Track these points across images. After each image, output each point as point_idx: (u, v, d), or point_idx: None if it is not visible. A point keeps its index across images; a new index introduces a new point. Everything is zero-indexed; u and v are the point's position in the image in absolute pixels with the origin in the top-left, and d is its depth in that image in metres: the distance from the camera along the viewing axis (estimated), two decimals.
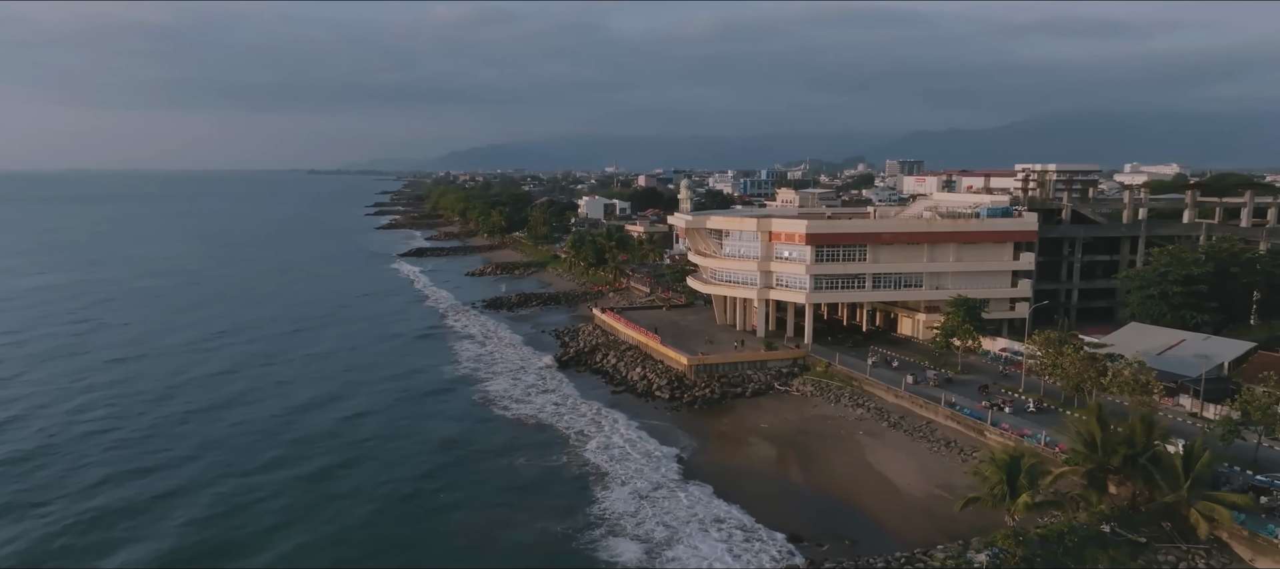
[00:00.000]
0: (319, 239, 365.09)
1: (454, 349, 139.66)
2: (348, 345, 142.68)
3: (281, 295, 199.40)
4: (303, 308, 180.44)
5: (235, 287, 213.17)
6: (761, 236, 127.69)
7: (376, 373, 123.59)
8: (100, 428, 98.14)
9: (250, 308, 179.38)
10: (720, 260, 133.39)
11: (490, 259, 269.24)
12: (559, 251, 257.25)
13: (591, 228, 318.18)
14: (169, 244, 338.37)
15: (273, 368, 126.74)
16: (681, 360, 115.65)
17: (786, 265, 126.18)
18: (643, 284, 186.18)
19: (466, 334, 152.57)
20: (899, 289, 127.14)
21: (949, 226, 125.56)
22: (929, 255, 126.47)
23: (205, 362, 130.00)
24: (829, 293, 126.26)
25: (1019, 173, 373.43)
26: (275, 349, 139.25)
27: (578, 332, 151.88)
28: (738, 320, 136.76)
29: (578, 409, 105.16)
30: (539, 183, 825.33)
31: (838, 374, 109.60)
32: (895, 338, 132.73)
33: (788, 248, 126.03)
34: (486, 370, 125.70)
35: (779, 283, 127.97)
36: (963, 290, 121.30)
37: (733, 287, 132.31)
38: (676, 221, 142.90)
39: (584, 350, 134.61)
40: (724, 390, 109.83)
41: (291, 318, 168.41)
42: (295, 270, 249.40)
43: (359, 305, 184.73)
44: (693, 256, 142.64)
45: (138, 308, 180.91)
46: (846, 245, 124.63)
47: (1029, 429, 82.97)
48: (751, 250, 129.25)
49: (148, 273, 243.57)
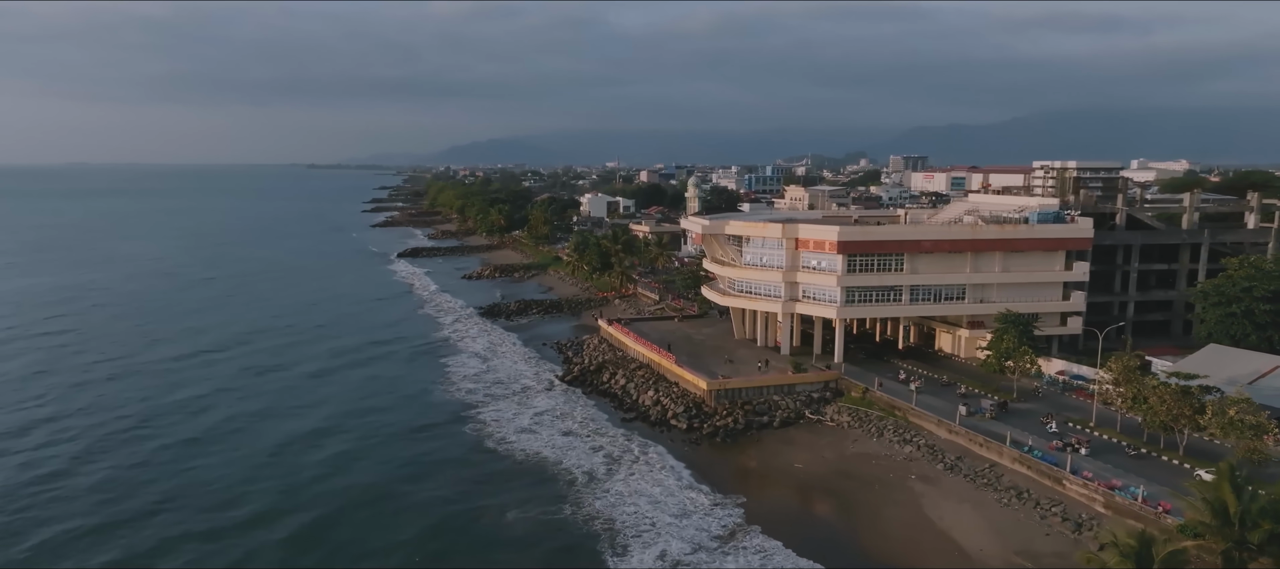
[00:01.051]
0: (314, 237, 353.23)
1: (450, 368, 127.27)
2: (335, 365, 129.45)
3: (269, 302, 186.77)
4: (290, 317, 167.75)
5: (222, 292, 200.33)
6: (787, 244, 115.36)
7: (365, 401, 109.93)
8: (50, 473, 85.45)
9: (235, 318, 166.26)
10: (740, 270, 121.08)
11: (489, 261, 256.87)
12: (561, 253, 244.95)
13: (594, 227, 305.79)
14: (160, 242, 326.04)
15: (251, 395, 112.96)
16: (700, 384, 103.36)
17: (815, 276, 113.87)
18: (651, 291, 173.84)
19: (464, 348, 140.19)
20: (939, 302, 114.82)
21: (996, 233, 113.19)
22: (972, 265, 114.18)
23: (177, 387, 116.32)
24: (862, 307, 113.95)
25: (1037, 170, 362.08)
26: (256, 370, 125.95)
27: (582, 345, 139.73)
28: (759, 335, 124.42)
29: (587, 442, 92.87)
30: (539, 178, 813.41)
31: (877, 402, 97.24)
32: (932, 354, 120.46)
33: (816, 257, 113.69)
34: (485, 393, 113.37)
35: (806, 295, 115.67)
36: (1009, 304, 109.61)
37: (754, 299, 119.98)
38: (692, 227, 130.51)
39: (590, 368, 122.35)
40: (749, 420, 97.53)
41: (278, 329, 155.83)
42: (286, 272, 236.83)
43: (351, 314, 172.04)
44: (709, 265, 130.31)
45: (117, 317, 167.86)
46: (881, 254, 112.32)
47: (1118, 479, 70.52)
48: (775, 259, 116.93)
49: (134, 275, 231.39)
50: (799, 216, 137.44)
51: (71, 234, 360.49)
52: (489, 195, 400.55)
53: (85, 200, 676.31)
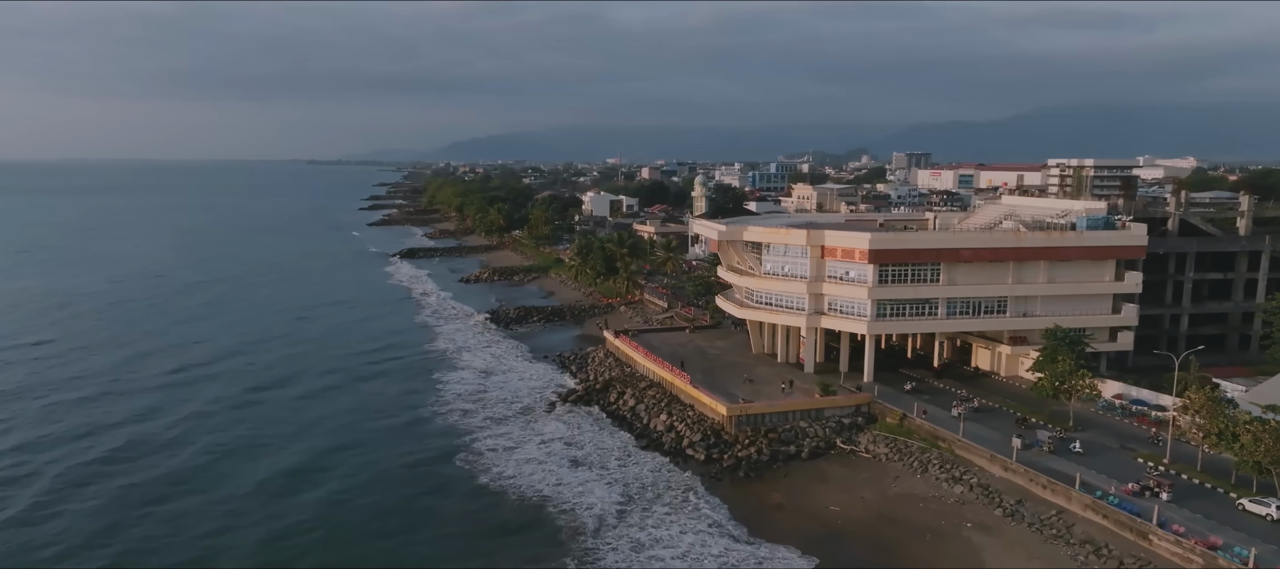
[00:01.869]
0: (310, 236, 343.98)
1: (446, 386, 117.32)
2: (323, 386, 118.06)
3: (258, 311, 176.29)
4: (279, 329, 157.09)
5: (210, 299, 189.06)
6: (811, 252, 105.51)
7: (353, 431, 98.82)
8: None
9: (220, 330, 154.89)
10: (760, 279, 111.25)
11: (487, 262, 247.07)
12: (563, 255, 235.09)
13: (596, 227, 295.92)
14: (153, 242, 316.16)
15: (229, 424, 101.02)
16: (719, 409, 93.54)
17: (843, 287, 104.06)
18: (659, 297, 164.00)
19: (461, 362, 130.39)
20: (978, 317, 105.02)
21: (1042, 241, 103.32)
22: (1015, 275, 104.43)
23: (150, 414, 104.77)
24: (894, 322, 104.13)
25: (1052, 168, 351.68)
26: (237, 393, 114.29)
27: (587, 358, 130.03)
28: (780, 350, 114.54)
29: (597, 476, 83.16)
30: (540, 175, 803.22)
31: (917, 430, 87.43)
32: (969, 372, 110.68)
33: (844, 266, 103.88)
34: (484, 415, 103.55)
35: (833, 308, 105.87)
36: (1054, 317, 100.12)
37: (775, 312, 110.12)
38: (707, 232, 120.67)
39: (596, 386, 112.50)
40: (774, 450, 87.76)
41: (265, 343, 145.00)
42: (279, 276, 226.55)
43: (343, 324, 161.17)
44: (725, 273, 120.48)
45: (96, 329, 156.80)
46: (916, 263, 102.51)
47: (1217, 535, 60.66)
48: (799, 268, 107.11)
49: (119, 278, 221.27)
50: (824, 222, 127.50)
51: (62, 234, 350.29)
52: (488, 193, 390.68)
53: (81, 197, 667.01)
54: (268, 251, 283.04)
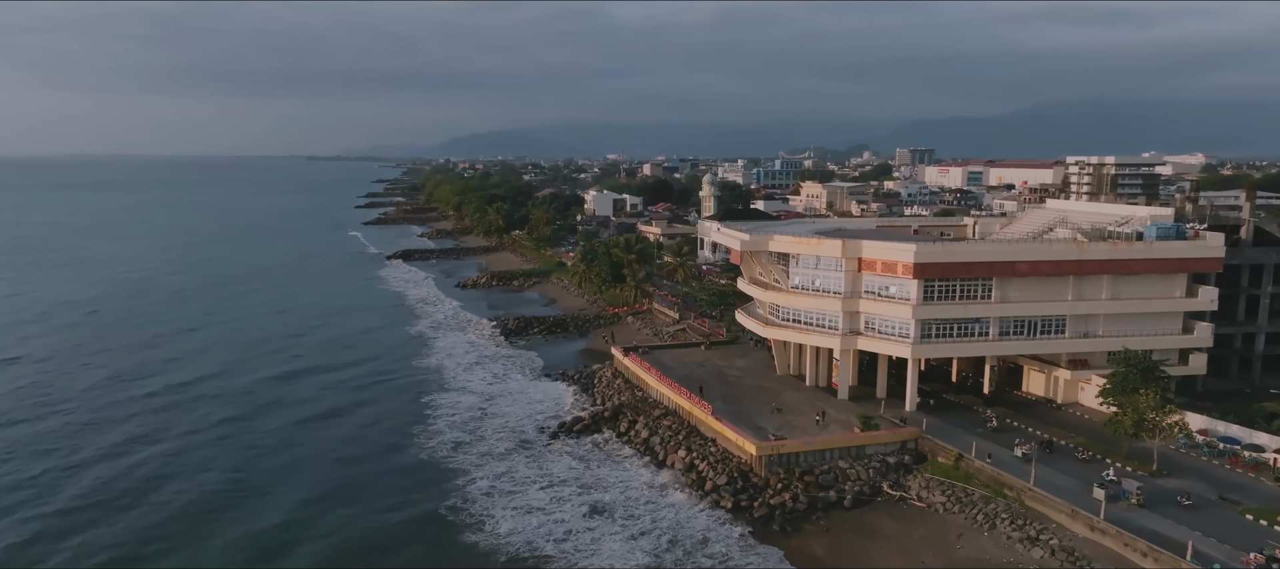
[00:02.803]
0: (304, 235, 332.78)
1: (438, 414, 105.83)
2: (304, 417, 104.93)
3: (242, 322, 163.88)
4: (262, 345, 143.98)
5: (195, 309, 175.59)
6: (846, 265, 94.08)
7: (334, 481, 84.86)
8: None
9: (199, 348, 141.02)
10: (787, 295, 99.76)
11: (487, 266, 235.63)
12: (565, 258, 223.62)
13: (599, 226, 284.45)
14: (142, 243, 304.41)
15: (194, 472, 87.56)
16: (747, 447, 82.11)
17: (882, 305, 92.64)
18: (669, 307, 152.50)
19: (455, 383, 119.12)
20: (1033, 338, 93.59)
21: (1108, 253, 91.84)
22: (1075, 291, 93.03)
23: (105, 458, 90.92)
24: (941, 343, 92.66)
25: (1071, 165, 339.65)
26: (206, 430, 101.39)
27: (593, 377, 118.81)
28: (809, 373, 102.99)
29: (612, 528, 71.85)
30: (540, 171, 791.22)
31: (978, 474, 75.98)
32: (1021, 398, 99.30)
33: (884, 281, 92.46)
34: (480, 452, 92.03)
35: (870, 328, 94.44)
36: (1119, 337, 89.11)
37: (805, 331, 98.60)
38: (728, 242, 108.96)
39: (604, 413, 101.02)
40: (811, 496, 76.44)
41: (245, 363, 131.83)
42: (269, 281, 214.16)
43: (332, 339, 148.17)
44: (747, 286, 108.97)
45: (67, 342, 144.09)
46: (966, 278, 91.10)
47: None
48: (832, 283, 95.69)
49: (99, 282, 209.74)
50: (855, 229, 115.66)
51: (50, 233, 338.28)
52: (487, 191, 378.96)
53: (76, 194, 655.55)
54: (259, 254, 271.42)
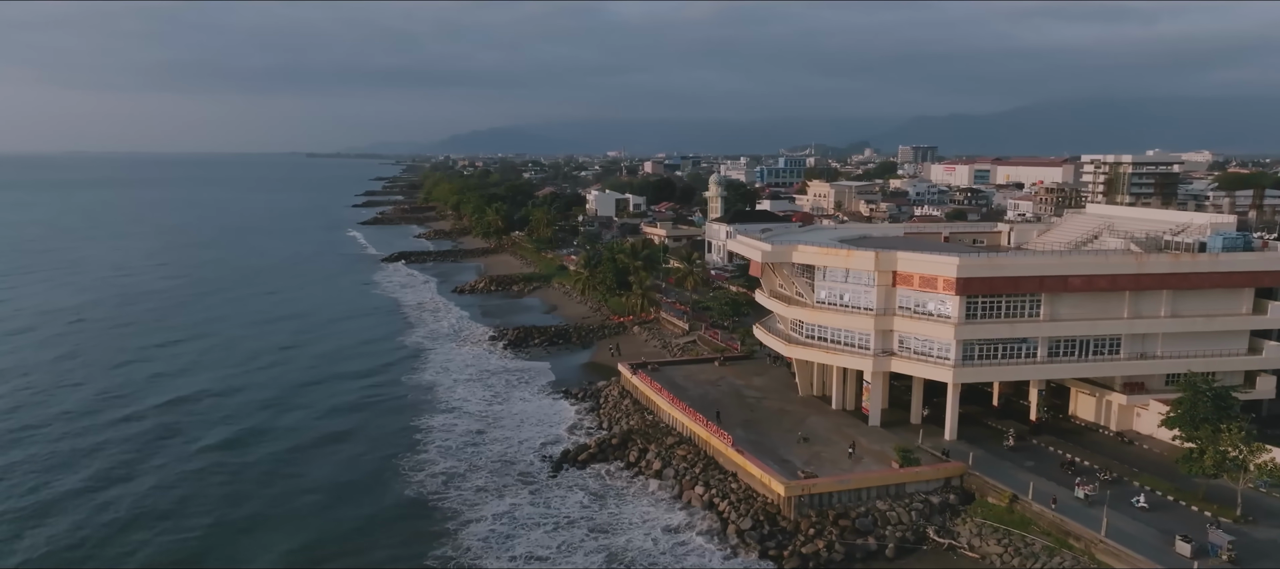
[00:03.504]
0: (299, 235, 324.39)
1: (430, 434, 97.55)
2: (287, 446, 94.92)
3: (229, 328, 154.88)
4: (243, 358, 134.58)
5: (179, 317, 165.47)
6: (880, 279, 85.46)
7: (313, 527, 75.89)
8: None
9: (182, 361, 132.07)
10: (813, 311, 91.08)
11: (484, 270, 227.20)
12: (566, 261, 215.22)
13: (602, 227, 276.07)
14: (131, 244, 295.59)
15: (162, 516, 78.23)
16: (774, 486, 73.39)
17: (919, 323, 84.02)
18: (678, 316, 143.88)
19: (448, 402, 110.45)
20: (1086, 358, 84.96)
21: (1169, 266, 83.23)
22: (1131, 307, 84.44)
23: (71, 497, 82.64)
24: (985, 366, 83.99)
25: (1085, 163, 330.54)
26: (187, 454, 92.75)
27: (599, 395, 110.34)
28: (835, 395, 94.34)
29: None
30: (541, 169, 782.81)
31: (1037, 519, 67.33)
32: (1067, 424, 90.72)
33: (922, 297, 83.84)
34: (473, 482, 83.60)
35: (906, 348, 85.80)
36: (1179, 357, 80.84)
37: (832, 350, 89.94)
38: (748, 252, 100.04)
39: (612, 440, 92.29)
40: (848, 544, 67.84)
41: (227, 378, 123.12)
42: (259, 286, 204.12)
43: (319, 354, 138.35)
44: (766, 299, 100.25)
45: (41, 357, 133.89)
46: (1013, 294, 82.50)
47: None
48: (863, 299, 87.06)
49: (88, 287, 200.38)
50: (881, 237, 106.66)
51: (40, 234, 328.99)
52: (486, 190, 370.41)
53: (67, 193, 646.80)
54: (253, 256, 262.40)
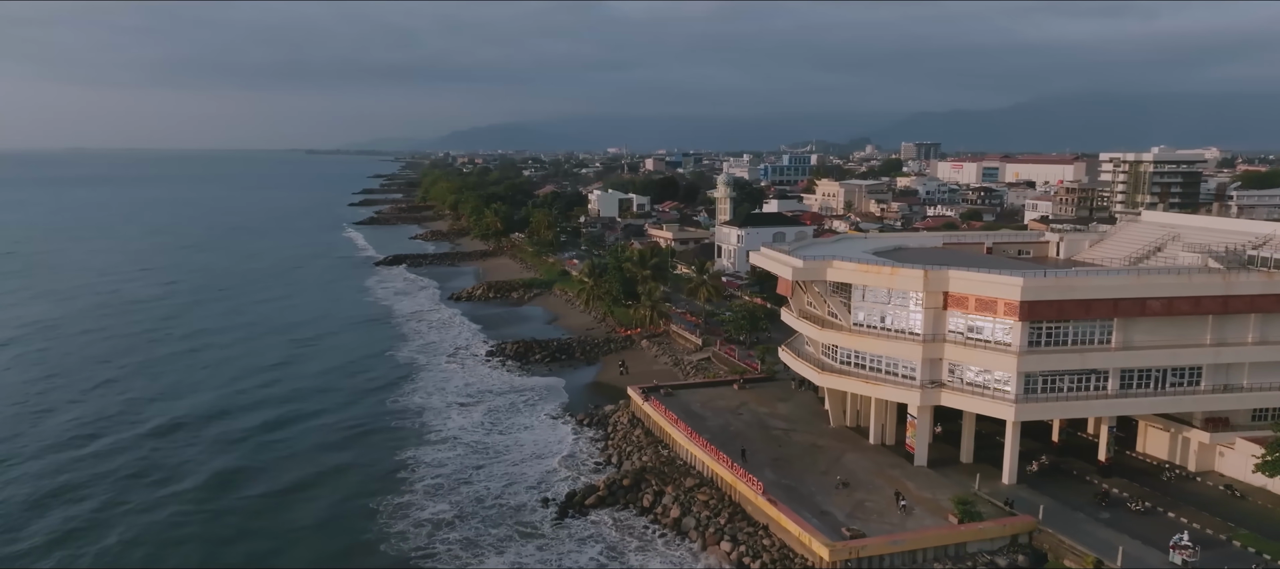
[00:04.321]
0: (292, 235, 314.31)
1: (417, 471, 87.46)
2: (261, 490, 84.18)
3: (212, 344, 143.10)
4: (221, 380, 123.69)
5: (160, 331, 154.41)
6: (927, 299, 75.12)
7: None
8: None
9: (157, 383, 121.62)
10: (850, 334, 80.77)
11: (483, 274, 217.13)
12: (568, 265, 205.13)
13: (605, 229, 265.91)
14: (120, 246, 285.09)
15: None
16: (815, 548, 62.92)
17: (974, 351, 73.69)
18: (689, 329, 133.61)
19: (442, 428, 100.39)
20: (1163, 392, 74.59)
21: (1261, 286, 72.84)
22: (1214, 333, 74.14)
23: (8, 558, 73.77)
24: (1048, 401, 73.66)
25: (1104, 161, 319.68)
26: (146, 501, 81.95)
27: (607, 422, 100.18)
28: (873, 429, 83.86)
29: None
30: (541, 165, 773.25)
31: None
32: (1139, 463, 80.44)
33: (977, 321, 73.52)
34: (464, 528, 73.66)
35: (958, 379, 75.47)
36: (1270, 390, 70.88)
37: (872, 380, 79.56)
38: (777, 268, 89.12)
39: (622, 480, 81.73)
40: None
41: (205, 403, 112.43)
42: (248, 294, 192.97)
43: (303, 374, 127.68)
44: (793, 320, 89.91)
45: (12, 374, 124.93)
46: (1082, 319, 72.19)
47: None
48: (907, 321, 76.72)
49: (69, 295, 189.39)
50: (918, 248, 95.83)
51: (28, 235, 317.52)
52: (485, 190, 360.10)
53: (60, 190, 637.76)
54: (243, 260, 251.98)
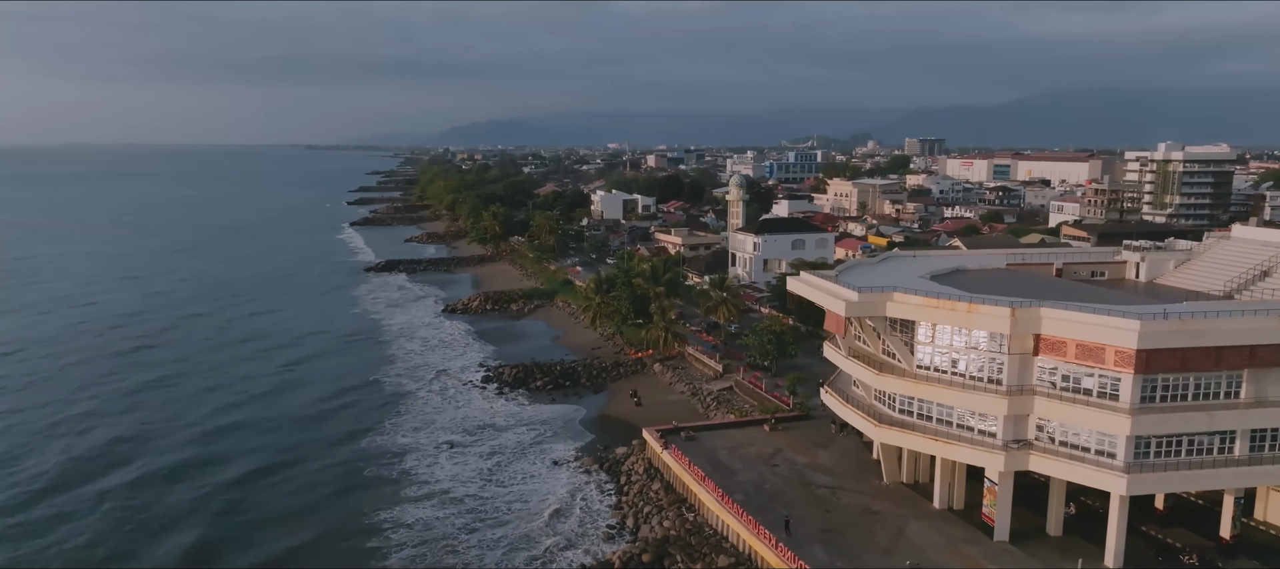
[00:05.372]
0: (284, 239, 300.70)
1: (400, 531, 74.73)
2: (220, 535, 74.73)
3: (178, 374, 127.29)
4: (190, 421, 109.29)
5: (127, 358, 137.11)
6: (1014, 342, 61.80)
7: None
8: None
9: (110, 423, 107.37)
10: (914, 381, 67.43)
11: (480, 280, 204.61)
12: (572, 273, 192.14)
13: (609, 231, 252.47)
14: (98, 248, 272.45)
15: None
16: None
17: (1072, 408, 60.29)
18: (706, 351, 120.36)
19: (430, 477, 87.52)
20: None
21: None
22: None
23: None
24: (1167, 471, 60.22)
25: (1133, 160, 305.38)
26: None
27: (620, 471, 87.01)
28: (938, 489, 70.33)
29: None
30: (541, 162, 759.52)
31: None
32: (1260, 535, 67.15)
33: (1077, 370, 60.26)
34: None
35: (1050, 439, 62.16)
36: None
37: (942, 438, 66.03)
38: (827, 303, 74.81)
39: (640, 555, 68.23)
40: None
41: (159, 457, 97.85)
42: (230, 308, 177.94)
43: (281, 412, 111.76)
44: (840, 358, 76.58)
45: None
46: (1207, 371, 58.89)
47: None
48: (988, 367, 63.40)
49: (29, 310, 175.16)
50: (978, 269, 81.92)
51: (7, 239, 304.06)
52: (483, 189, 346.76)
53: (52, 188, 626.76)
54: (232, 266, 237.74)
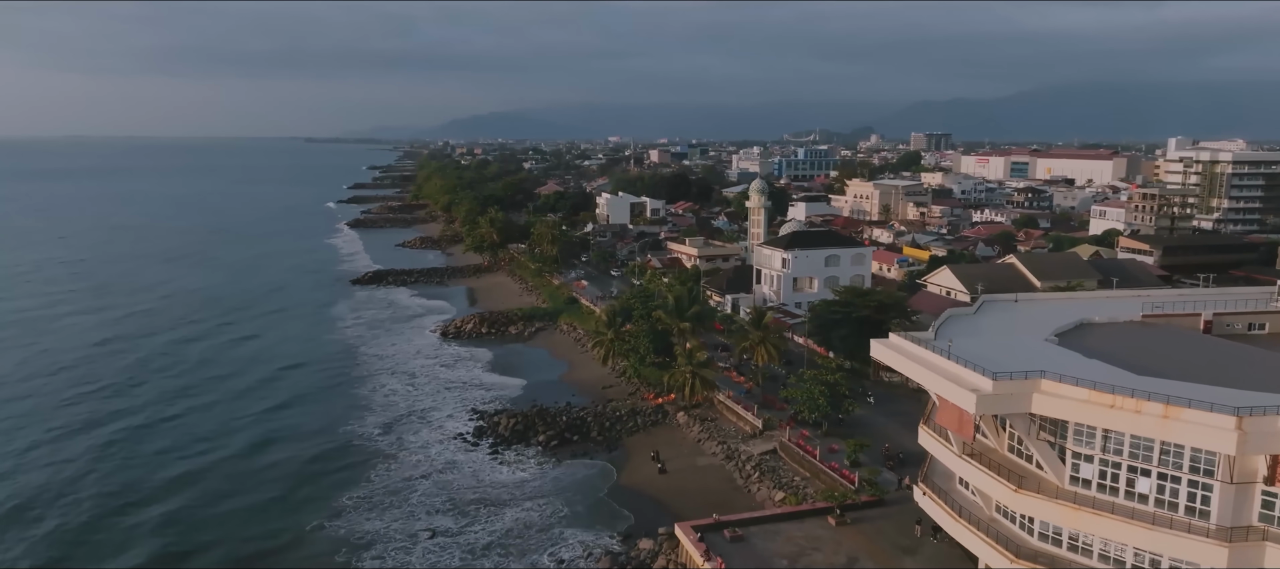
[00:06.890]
0: (271, 242, 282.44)
1: None
2: None
3: (122, 422, 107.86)
4: (149, 463, 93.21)
5: (74, 383, 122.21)
6: (1240, 463, 42.59)
7: None
8: None
9: (40, 488, 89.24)
10: (1071, 508, 48.25)
11: (476, 295, 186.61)
12: (577, 288, 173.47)
13: (616, 237, 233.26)
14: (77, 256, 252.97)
15: None
16: None
17: None
18: (740, 398, 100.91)
19: None
20: None
21: None
22: None
23: None
24: None
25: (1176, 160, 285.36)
26: None
27: None
28: None
29: None
30: (542, 157, 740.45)
31: None
32: None
33: None
34: None
35: None
36: None
37: None
38: (949, 394, 54.40)
39: None
40: None
41: (111, 506, 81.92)
42: (202, 329, 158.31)
43: (238, 474, 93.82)
44: (945, 453, 57.31)
45: None
46: None
47: None
48: (1185, 493, 44.29)
49: None
50: (1125, 325, 62.02)
51: None
52: (482, 190, 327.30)
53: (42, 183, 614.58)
54: (210, 273, 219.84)
